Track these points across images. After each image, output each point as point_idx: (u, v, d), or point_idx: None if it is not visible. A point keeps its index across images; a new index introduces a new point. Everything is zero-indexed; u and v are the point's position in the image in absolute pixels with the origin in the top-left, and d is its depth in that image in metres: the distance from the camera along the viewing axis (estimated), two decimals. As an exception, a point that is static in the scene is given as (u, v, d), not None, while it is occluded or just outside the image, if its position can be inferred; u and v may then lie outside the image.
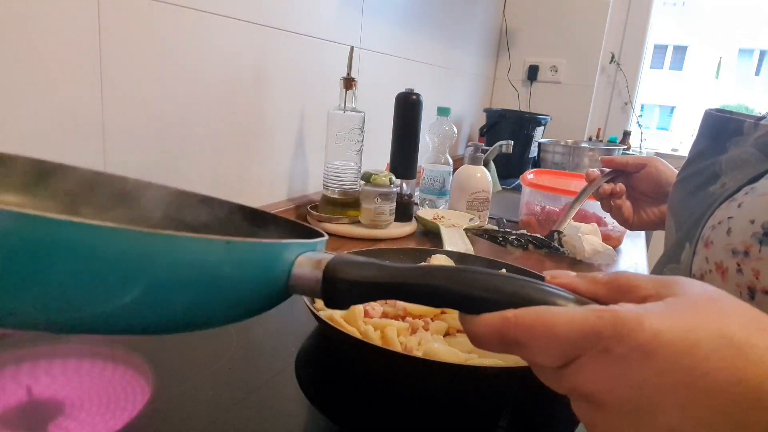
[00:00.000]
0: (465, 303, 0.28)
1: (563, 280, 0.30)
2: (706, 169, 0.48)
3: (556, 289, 0.28)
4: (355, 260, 0.30)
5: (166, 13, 0.66)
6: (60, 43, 0.55)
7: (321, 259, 0.30)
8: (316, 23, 0.96)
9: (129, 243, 0.23)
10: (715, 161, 0.47)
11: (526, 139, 1.74)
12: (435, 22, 1.49)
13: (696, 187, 0.48)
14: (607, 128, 2.15)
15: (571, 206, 0.86)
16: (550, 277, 0.30)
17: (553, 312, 0.25)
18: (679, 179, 0.53)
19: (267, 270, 0.29)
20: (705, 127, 0.52)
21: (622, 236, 1.03)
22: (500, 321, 0.26)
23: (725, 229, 0.38)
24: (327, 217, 0.94)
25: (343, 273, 0.29)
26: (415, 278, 0.29)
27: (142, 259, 0.23)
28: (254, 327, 0.57)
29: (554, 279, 0.30)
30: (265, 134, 0.89)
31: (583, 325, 0.24)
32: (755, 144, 0.43)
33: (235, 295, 0.28)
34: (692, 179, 0.50)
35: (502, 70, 2.14)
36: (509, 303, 0.26)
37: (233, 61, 0.79)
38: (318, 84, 1.00)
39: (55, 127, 0.56)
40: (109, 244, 0.22)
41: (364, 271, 0.29)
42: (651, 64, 9.05)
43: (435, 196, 1.16)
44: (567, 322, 0.24)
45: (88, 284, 0.23)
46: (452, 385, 0.47)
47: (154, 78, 0.66)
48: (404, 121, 1.03)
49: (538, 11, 2.04)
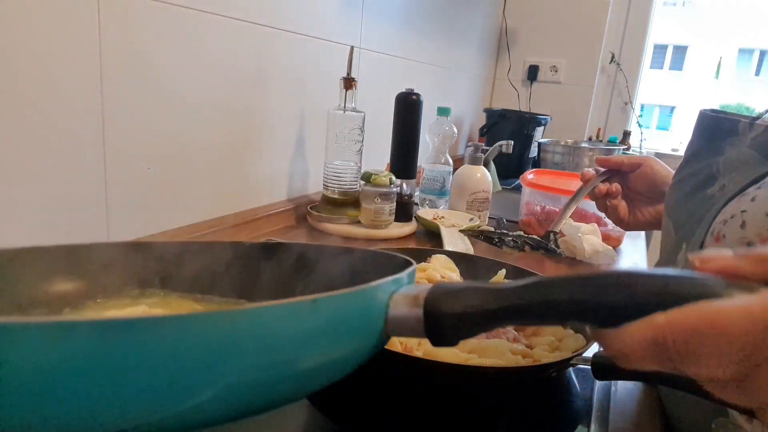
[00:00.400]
0: (598, 315, 0.23)
1: (718, 264, 0.23)
2: (702, 171, 0.48)
3: (711, 278, 0.22)
4: (456, 288, 0.26)
5: (166, 14, 0.66)
6: (59, 41, 0.55)
7: (417, 295, 0.26)
8: (316, 23, 0.96)
9: (212, 326, 0.20)
10: (711, 162, 0.47)
11: (526, 139, 1.74)
12: (435, 22, 1.49)
13: (693, 188, 0.48)
14: (607, 128, 2.15)
15: (567, 207, 0.86)
16: (700, 262, 0.23)
17: (720, 307, 0.20)
18: (676, 180, 0.52)
19: (361, 320, 0.26)
20: (700, 128, 0.51)
21: (621, 236, 1.03)
22: (652, 330, 0.21)
23: (739, 222, 0.37)
24: (327, 217, 0.94)
25: (447, 306, 0.25)
26: (530, 297, 0.24)
27: (226, 342, 0.20)
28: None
29: (706, 264, 0.23)
30: (265, 134, 0.89)
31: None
32: (752, 145, 0.43)
33: (328, 358, 0.25)
34: (689, 180, 0.49)
35: (502, 70, 2.14)
36: (656, 304, 0.21)
37: (233, 62, 0.79)
38: (318, 84, 1.00)
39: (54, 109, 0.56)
40: (181, 335, 0.20)
41: (469, 300, 0.25)
42: (651, 64, 9.05)
43: (435, 196, 1.16)
44: (742, 316, 0.19)
45: (164, 383, 0.20)
46: (452, 385, 0.47)
47: (154, 78, 0.66)
48: (404, 121, 1.03)
49: (538, 11, 2.04)
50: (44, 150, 0.55)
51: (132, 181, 0.66)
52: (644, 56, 2.08)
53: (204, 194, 0.79)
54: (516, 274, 0.67)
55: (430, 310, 0.25)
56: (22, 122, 0.53)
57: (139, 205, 0.68)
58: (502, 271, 0.66)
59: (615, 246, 1.01)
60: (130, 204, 0.67)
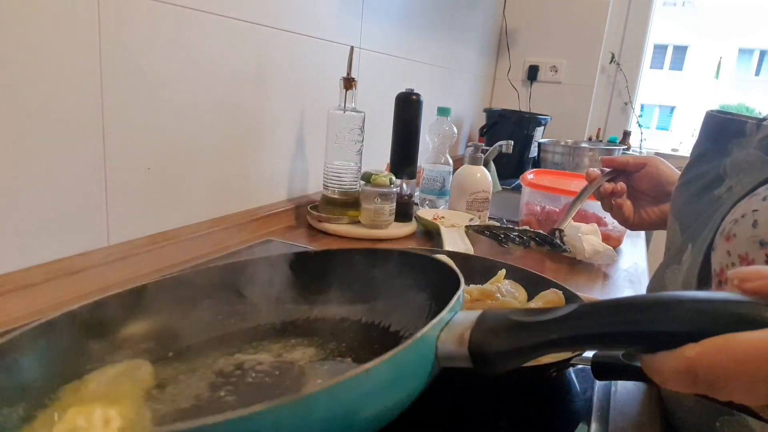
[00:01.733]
0: (635, 343, 0.24)
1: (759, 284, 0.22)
2: (709, 172, 0.47)
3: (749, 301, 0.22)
4: (499, 325, 0.27)
5: (166, 14, 0.66)
6: (59, 41, 0.55)
7: (463, 333, 0.27)
8: (316, 23, 0.96)
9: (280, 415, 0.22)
10: (718, 164, 0.46)
11: (526, 139, 1.74)
12: (435, 22, 1.49)
13: (700, 190, 0.48)
14: (607, 128, 2.15)
15: (572, 205, 0.86)
16: (739, 281, 0.22)
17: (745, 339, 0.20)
18: (682, 182, 0.52)
19: (413, 370, 0.27)
20: (706, 129, 0.51)
21: (622, 236, 1.03)
22: (682, 364, 0.21)
23: (750, 221, 0.37)
24: (327, 217, 0.94)
25: (492, 346, 0.27)
26: (569, 330, 0.25)
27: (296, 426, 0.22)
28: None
29: (745, 284, 0.22)
30: (266, 134, 0.89)
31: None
32: (760, 146, 0.43)
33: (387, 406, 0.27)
34: (695, 182, 0.49)
35: (502, 70, 2.14)
36: (689, 334, 0.21)
37: (233, 62, 0.79)
38: (318, 84, 1.00)
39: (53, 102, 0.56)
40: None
41: (512, 340, 0.26)
42: (651, 64, 9.06)
43: (435, 196, 1.16)
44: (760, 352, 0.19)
45: None
46: (452, 385, 0.47)
47: (154, 78, 0.66)
48: (404, 121, 1.03)
49: (538, 11, 2.04)
50: (44, 150, 0.55)
51: (132, 181, 0.66)
52: (644, 56, 2.08)
53: (204, 194, 0.79)
54: (517, 274, 0.67)
55: (475, 350, 0.27)
56: (22, 122, 0.53)
57: (139, 205, 0.68)
58: (502, 271, 0.66)
59: (615, 246, 1.01)
60: (130, 204, 0.67)
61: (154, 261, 0.68)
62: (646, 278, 0.88)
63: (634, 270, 0.91)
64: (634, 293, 0.80)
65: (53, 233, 0.58)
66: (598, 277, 0.86)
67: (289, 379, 0.37)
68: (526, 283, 0.66)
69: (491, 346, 0.27)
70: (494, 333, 0.27)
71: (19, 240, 0.55)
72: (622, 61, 2.06)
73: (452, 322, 0.28)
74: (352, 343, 0.41)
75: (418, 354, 0.27)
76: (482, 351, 0.27)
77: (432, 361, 0.28)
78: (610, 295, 0.78)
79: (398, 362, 0.26)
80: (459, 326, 0.28)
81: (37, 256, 0.57)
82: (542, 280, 0.65)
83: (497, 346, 0.26)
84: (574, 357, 0.47)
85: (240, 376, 0.37)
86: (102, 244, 0.64)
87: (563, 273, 0.86)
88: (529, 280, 0.66)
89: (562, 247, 0.89)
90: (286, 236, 0.89)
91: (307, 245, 0.86)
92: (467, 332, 0.27)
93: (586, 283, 0.83)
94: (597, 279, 0.85)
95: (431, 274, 0.39)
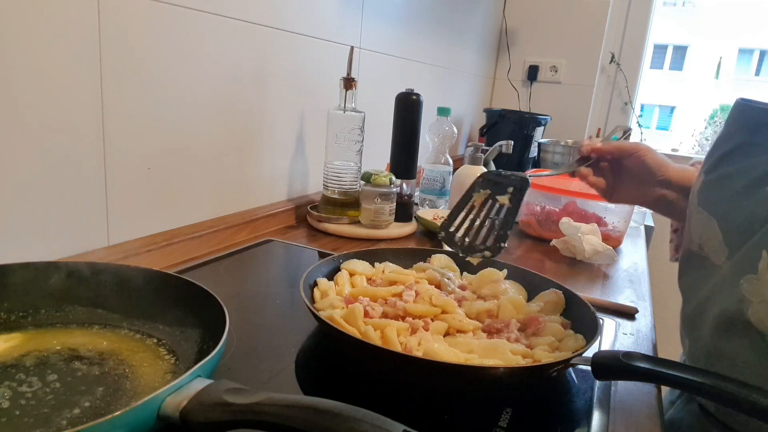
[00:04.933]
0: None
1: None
2: (755, 167, 0.44)
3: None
4: (211, 400, 0.33)
5: (166, 14, 0.66)
6: (59, 41, 0.55)
7: (181, 402, 0.33)
8: (316, 23, 0.96)
9: None
10: (764, 158, 0.43)
11: (526, 139, 1.74)
12: (435, 22, 1.49)
13: (745, 187, 0.44)
14: (607, 128, 2.15)
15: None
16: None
17: None
18: (715, 177, 0.48)
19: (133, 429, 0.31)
20: (739, 120, 0.47)
21: (621, 236, 1.03)
22: None
23: None
24: (327, 217, 0.94)
25: (198, 417, 0.32)
26: (259, 415, 0.31)
27: None
28: (254, 327, 0.57)
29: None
30: (266, 134, 0.89)
31: None
32: None
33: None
34: (736, 178, 0.45)
35: (502, 70, 2.14)
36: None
37: (233, 62, 0.79)
38: (318, 84, 1.00)
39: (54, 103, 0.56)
40: None
41: (216, 414, 0.32)
42: (651, 64, 9.05)
43: (435, 196, 1.16)
44: None
45: None
46: (452, 385, 0.47)
47: (154, 78, 0.66)
48: (404, 121, 1.03)
49: (538, 11, 2.04)
50: (44, 150, 0.55)
51: (132, 181, 0.66)
52: (644, 56, 2.08)
53: (204, 194, 0.79)
54: (517, 274, 0.67)
55: (184, 419, 0.32)
56: (22, 122, 0.53)
57: (139, 205, 0.68)
58: (504, 271, 0.66)
59: (615, 246, 1.01)
60: (130, 204, 0.67)
61: (154, 261, 0.68)
62: (646, 278, 0.88)
63: (634, 270, 0.91)
64: (634, 293, 0.80)
65: (53, 233, 0.58)
66: (598, 277, 0.86)
67: None
68: (526, 283, 0.66)
69: (197, 417, 0.32)
70: (203, 406, 0.32)
71: (20, 240, 0.55)
72: (622, 61, 2.06)
73: (182, 388, 0.33)
74: None
75: (135, 419, 0.31)
76: (188, 419, 0.32)
77: (154, 418, 0.32)
78: (610, 295, 0.78)
79: (121, 421, 0.30)
80: (183, 392, 0.33)
81: (37, 256, 0.57)
82: (542, 280, 0.65)
83: (202, 418, 0.32)
84: (574, 357, 0.47)
85: None
86: (102, 244, 0.64)
87: (563, 273, 0.86)
88: (529, 280, 0.66)
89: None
90: (286, 236, 0.89)
91: (307, 245, 0.86)
92: (185, 401, 0.32)
93: (586, 283, 0.83)
94: (597, 279, 0.85)
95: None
